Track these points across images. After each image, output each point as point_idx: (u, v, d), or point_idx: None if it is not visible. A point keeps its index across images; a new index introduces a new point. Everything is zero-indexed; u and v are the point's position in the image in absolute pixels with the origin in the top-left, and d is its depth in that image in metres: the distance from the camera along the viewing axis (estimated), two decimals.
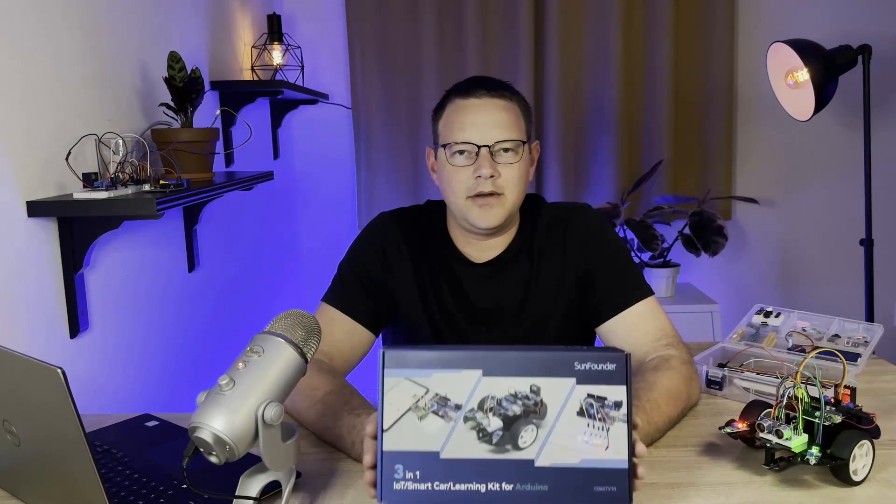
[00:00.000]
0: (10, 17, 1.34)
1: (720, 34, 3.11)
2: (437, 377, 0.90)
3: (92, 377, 1.58)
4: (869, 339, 1.43)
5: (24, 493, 0.98)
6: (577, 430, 0.88)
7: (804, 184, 3.27)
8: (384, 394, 0.89)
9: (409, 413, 0.89)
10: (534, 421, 0.89)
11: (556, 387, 0.89)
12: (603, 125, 3.15)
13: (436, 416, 0.89)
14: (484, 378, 0.89)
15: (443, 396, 0.89)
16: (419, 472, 0.88)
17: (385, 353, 0.90)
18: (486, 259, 1.39)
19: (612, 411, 0.89)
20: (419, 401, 0.89)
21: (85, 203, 1.40)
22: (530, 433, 0.89)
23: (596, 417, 0.89)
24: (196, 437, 0.81)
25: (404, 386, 0.90)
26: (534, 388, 0.89)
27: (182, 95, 1.75)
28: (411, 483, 0.88)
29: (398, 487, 0.88)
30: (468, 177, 1.30)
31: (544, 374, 0.89)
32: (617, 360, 0.90)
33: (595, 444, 0.88)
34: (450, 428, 0.89)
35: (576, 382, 0.89)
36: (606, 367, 0.89)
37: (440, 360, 0.90)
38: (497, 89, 1.33)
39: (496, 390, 0.89)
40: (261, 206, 2.78)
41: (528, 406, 0.89)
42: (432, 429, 0.89)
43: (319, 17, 3.19)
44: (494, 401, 0.89)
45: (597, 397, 0.89)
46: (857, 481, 0.98)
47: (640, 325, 1.32)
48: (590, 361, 0.90)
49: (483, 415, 0.89)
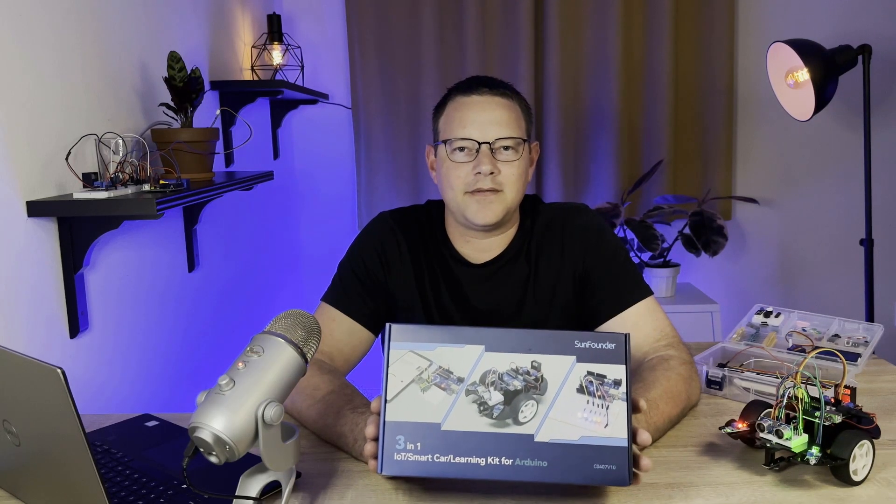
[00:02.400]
0: (10, 17, 1.34)
1: (720, 34, 3.11)
2: (441, 351, 0.92)
3: (92, 377, 1.58)
4: (869, 339, 1.43)
5: (24, 493, 0.98)
6: (577, 406, 0.90)
7: (804, 184, 3.27)
8: (389, 365, 0.92)
9: (412, 385, 0.91)
10: (534, 396, 0.91)
11: (557, 363, 0.91)
12: (603, 125, 3.15)
13: (438, 389, 0.91)
14: (486, 353, 0.92)
15: (446, 369, 0.92)
16: (420, 444, 0.89)
17: (391, 327, 0.93)
18: (485, 260, 1.39)
19: (612, 389, 0.91)
20: (423, 373, 0.91)
21: (85, 203, 1.40)
22: (530, 408, 0.90)
23: (595, 395, 0.91)
24: (196, 437, 0.81)
25: (409, 358, 0.92)
26: (535, 364, 0.92)
27: (182, 95, 1.75)
28: (412, 454, 0.89)
29: (399, 458, 0.89)
30: (467, 173, 1.30)
31: (545, 351, 0.92)
32: (616, 339, 0.92)
33: (594, 420, 0.90)
34: (452, 400, 0.91)
35: (576, 360, 0.91)
36: (606, 346, 0.92)
37: (444, 336, 0.93)
38: (499, 87, 1.34)
39: (498, 365, 0.92)
40: (261, 206, 2.78)
41: (528, 381, 0.91)
42: (434, 401, 0.90)
43: (319, 17, 3.19)
44: (496, 375, 0.91)
45: (596, 375, 0.91)
46: (857, 481, 0.98)
47: (640, 325, 1.32)
48: (590, 340, 0.92)
49: (484, 388, 0.91)
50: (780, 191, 3.29)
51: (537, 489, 0.98)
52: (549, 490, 0.98)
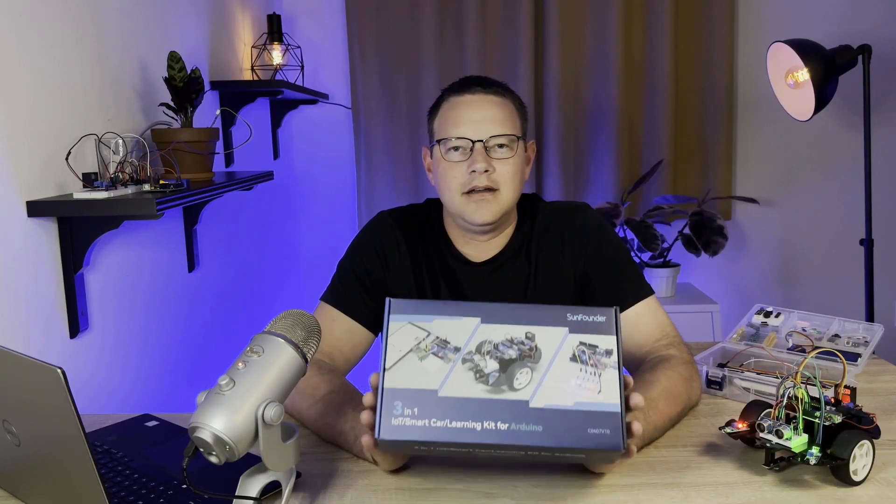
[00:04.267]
0: (10, 17, 1.34)
1: (720, 34, 3.11)
2: (439, 322, 0.95)
3: (92, 377, 1.58)
4: (869, 339, 1.43)
5: (24, 493, 0.98)
6: (571, 374, 0.93)
7: (804, 184, 3.27)
8: (388, 336, 0.94)
9: (410, 353, 0.93)
10: (529, 364, 0.93)
11: (550, 334, 0.95)
12: (603, 125, 3.15)
13: (435, 358, 0.93)
14: (482, 325, 0.95)
15: (443, 339, 0.94)
16: (417, 409, 0.91)
17: (391, 301, 0.96)
18: (485, 258, 1.39)
19: (604, 358, 0.93)
20: (421, 343, 0.94)
21: (85, 203, 1.40)
22: (525, 375, 0.92)
23: (588, 363, 0.93)
24: (196, 437, 0.81)
25: (407, 329, 0.95)
26: (529, 335, 0.94)
27: (182, 95, 1.75)
28: (409, 419, 0.90)
29: (396, 423, 0.90)
30: (463, 172, 1.30)
31: (539, 323, 0.95)
32: (606, 312, 0.96)
33: (588, 387, 0.92)
34: (448, 368, 0.93)
35: (568, 331, 0.95)
36: (597, 318, 0.96)
37: (442, 308, 0.97)
38: (492, 86, 1.34)
39: (493, 335, 0.95)
40: (261, 206, 2.78)
41: (523, 350, 0.94)
42: (432, 368, 0.93)
43: (319, 17, 3.19)
44: (491, 345, 0.94)
45: (588, 345, 0.94)
46: (857, 481, 0.98)
47: (641, 325, 1.31)
48: (581, 314, 0.96)
49: (480, 357, 0.93)
50: (780, 191, 3.29)
51: (536, 490, 0.98)
52: (549, 488, 0.98)
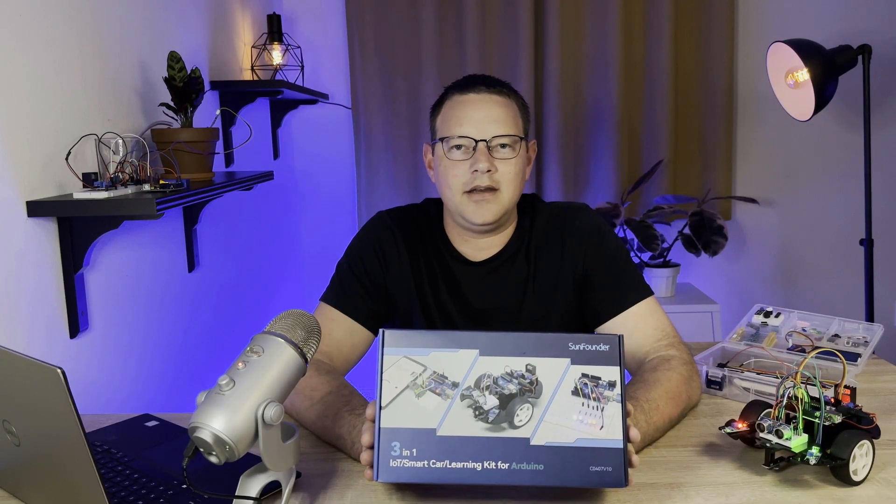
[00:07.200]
0: (10, 17, 1.34)
1: (720, 34, 3.11)
2: (435, 356, 0.92)
3: (92, 377, 1.58)
4: (869, 339, 1.43)
5: (24, 493, 0.98)
6: (572, 409, 0.90)
7: (804, 184, 3.27)
8: (383, 371, 0.91)
9: (406, 390, 0.91)
10: (529, 399, 0.91)
11: (551, 366, 0.91)
12: (603, 125, 3.15)
13: (433, 394, 0.91)
14: (480, 357, 0.92)
15: (440, 374, 0.91)
16: (416, 450, 0.89)
17: (385, 333, 0.93)
18: (484, 258, 1.39)
19: (607, 391, 0.91)
20: (417, 378, 0.91)
21: (85, 203, 1.40)
22: (526, 411, 0.90)
23: (590, 397, 0.91)
24: (196, 437, 0.81)
25: (403, 364, 0.92)
26: (529, 368, 0.91)
27: (182, 95, 1.75)
28: (407, 460, 0.89)
29: (394, 465, 0.89)
30: (465, 171, 1.30)
31: (539, 354, 0.92)
32: (610, 341, 0.92)
33: (590, 423, 0.90)
34: (447, 405, 0.90)
35: (570, 362, 0.91)
36: (600, 348, 0.92)
37: (438, 340, 0.93)
38: (496, 86, 1.34)
39: (492, 369, 0.91)
40: (261, 206, 2.78)
41: (523, 385, 0.91)
42: (429, 406, 0.90)
43: (319, 17, 3.19)
44: (491, 379, 0.91)
45: (591, 377, 0.91)
46: (857, 481, 0.98)
47: (640, 325, 1.31)
48: (584, 343, 0.92)
49: (479, 393, 0.91)
50: (780, 191, 3.28)
51: (535, 492, 0.98)
52: (546, 493, 0.97)
